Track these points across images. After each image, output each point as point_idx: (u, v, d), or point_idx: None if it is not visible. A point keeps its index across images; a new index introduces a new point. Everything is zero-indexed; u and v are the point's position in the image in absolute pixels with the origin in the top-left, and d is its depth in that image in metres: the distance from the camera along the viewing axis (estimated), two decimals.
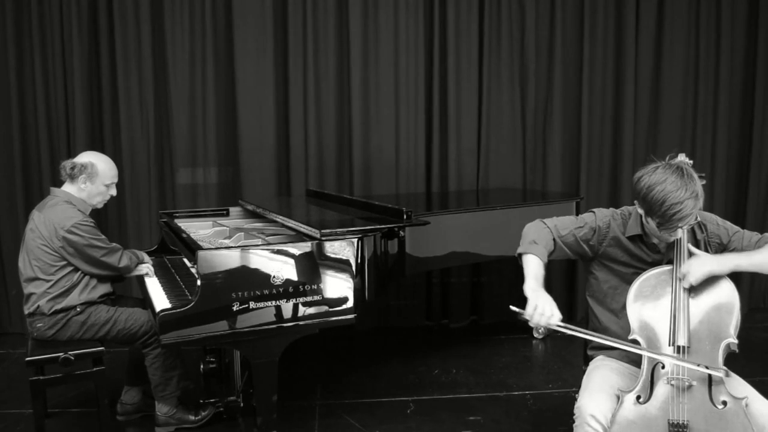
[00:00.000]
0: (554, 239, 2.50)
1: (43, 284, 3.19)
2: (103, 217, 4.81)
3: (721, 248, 2.46)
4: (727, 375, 2.18)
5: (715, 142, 5.40)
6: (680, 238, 2.37)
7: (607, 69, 5.26)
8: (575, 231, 2.52)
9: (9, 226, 4.94)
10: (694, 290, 2.30)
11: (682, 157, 2.43)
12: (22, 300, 3.31)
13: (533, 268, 2.37)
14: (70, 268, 3.21)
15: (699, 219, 2.44)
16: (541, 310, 2.20)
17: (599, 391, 2.31)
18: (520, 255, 2.47)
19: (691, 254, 2.37)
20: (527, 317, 2.22)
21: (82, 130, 4.84)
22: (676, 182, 2.19)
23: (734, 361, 2.24)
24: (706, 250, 2.46)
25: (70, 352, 3.11)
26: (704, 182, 2.33)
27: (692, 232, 2.46)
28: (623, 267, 2.49)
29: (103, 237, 3.29)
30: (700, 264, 2.29)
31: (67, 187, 3.35)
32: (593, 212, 2.58)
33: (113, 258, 3.30)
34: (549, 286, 5.11)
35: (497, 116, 5.21)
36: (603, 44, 5.22)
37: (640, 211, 2.36)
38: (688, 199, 2.17)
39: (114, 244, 3.34)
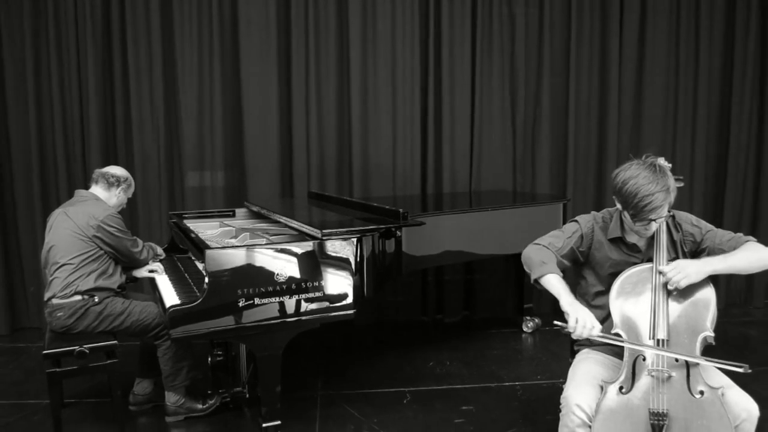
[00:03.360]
0: (555, 256, 2.47)
1: (67, 269, 3.23)
2: None
3: (695, 246, 2.47)
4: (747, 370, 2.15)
5: (694, 147, 5.42)
6: (660, 239, 2.38)
7: (593, 78, 5.28)
8: (567, 242, 2.50)
9: (28, 227, 4.93)
10: (672, 286, 2.31)
11: (661, 161, 2.43)
12: (39, 296, 3.33)
13: (559, 284, 2.33)
14: (94, 256, 3.28)
15: (672, 213, 2.45)
16: (583, 322, 2.18)
17: (584, 382, 2.32)
18: (537, 280, 2.39)
19: (674, 252, 2.38)
20: (570, 330, 2.20)
21: (96, 136, 4.84)
22: (648, 176, 2.23)
23: (712, 353, 2.24)
24: (682, 249, 2.48)
25: (84, 346, 3.12)
26: (682, 184, 2.35)
27: (669, 233, 2.47)
28: (608, 270, 2.50)
29: (128, 231, 3.44)
30: (683, 276, 2.27)
31: (97, 191, 3.48)
32: (576, 221, 2.57)
33: (137, 248, 3.48)
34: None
35: (489, 122, 5.22)
36: (588, 55, 5.24)
37: (618, 206, 2.38)
38: (659, 192, 2.21)
39: (135, 237, 3.50)
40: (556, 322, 2.27)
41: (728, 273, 2.37)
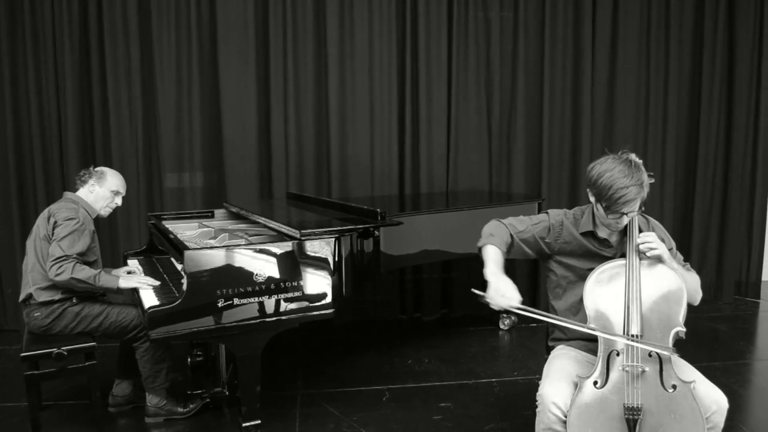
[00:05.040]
0: (511, 234, 2.51)
1: (38, 273, 3.18)
2: (96, 218, 4.75)
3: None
4: (674, 353, 2.21)
5: (665, 146, 5.49)
6: (632, 233, 2.40)
7: (566, 80, 5.31)
8: (531, 228, 2.53)
9: (4, 231, 4.84)
10: (645, 282, 2.33)
11: (634, 157, 2.46)
12: (16, 298, 3.28)
13: (492, 255, 2.39)
14: None
15: (645, 215, 2.47)
16: (502, 292, 2.22)
17: (559, 379, 2.33)
18: (480, 249, 2.47)
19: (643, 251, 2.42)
20: (489, 299, 2.22)
21: (73, 138, 4.77)
22: (623, 170, 2.27)
23: (682, 348, 2.27)
24: None
25: (63, 348, 3.07)
26: (653, 180, 2.39)
27: (640, 230, 2.49)
28: (578, 263, 2.51)
29: (81, 243, 3.16)
30: (657, 246, 2.33)
31: (79, 192, 3.41)
32: (547, 212, 2.60)
33: (51, 255, 3.07)
34: (515, 282, 5.21)
35: (465, 123, 5.24)
36: (562, 57, 5.28)
37: (592, 198, 2.41)
38: (633, 185, 2.25)
39: (65, 256, 3.08)
40: (474, 290, 2.27)
41: None
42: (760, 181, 5.64)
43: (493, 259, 2.37)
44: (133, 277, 3.32)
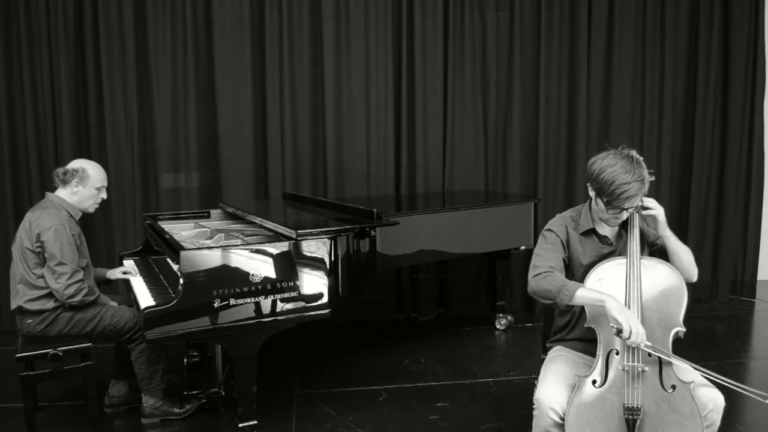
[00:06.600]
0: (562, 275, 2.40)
1: (26, 284, 3.12)
2: (90, 219, 4.71)
3: (655, 238, 2.56)
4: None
5: (660, 148, 5.48)
6: (632, 231, 2.40)
7: (562, 81, 5.30)
8: (555, 255, 2.44)
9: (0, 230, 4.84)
10: (645, 281, 2.31)
11: (635, 153, 2.46)
12: (9, 298, 3.24)
13: (593, 293, 2.24)
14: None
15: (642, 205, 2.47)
16: (636, 330, 2.11)
17: (556, 382, 2.31)
18: (569, 306, 2.29)
19: (642, 244, 2.44)
20: (625, 336, 2.12)
21: (69, 138, 4.74)
22: (625, 166, 2.29)
23: (679, 348, 2.26)
24: (647, 240, 2.55)
25: (58, 348, 3.05)
26: (653, 179, 2.38)
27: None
28: (584, 266, 2.49)
29: (70, 248, 3.10)
30: (659, 208, 2.39)
31: (60, 192, 3.29)
32: (551, 230, 2.51)
33: (62, 274, 3.05)
34: (511, 281, 5.21)
35: (461, 123, 5.22)
36: (558, 58, 5.27)
37: (592, 193, 2.40)
38: (634, 181, 2.26)
39: (75, 271, 3.10)
40: (645, 347, 2.17)
41: (671, 249, 2.45)
42: (755, 181, 5.65)
43: (600, 294, 2.23)
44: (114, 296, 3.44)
